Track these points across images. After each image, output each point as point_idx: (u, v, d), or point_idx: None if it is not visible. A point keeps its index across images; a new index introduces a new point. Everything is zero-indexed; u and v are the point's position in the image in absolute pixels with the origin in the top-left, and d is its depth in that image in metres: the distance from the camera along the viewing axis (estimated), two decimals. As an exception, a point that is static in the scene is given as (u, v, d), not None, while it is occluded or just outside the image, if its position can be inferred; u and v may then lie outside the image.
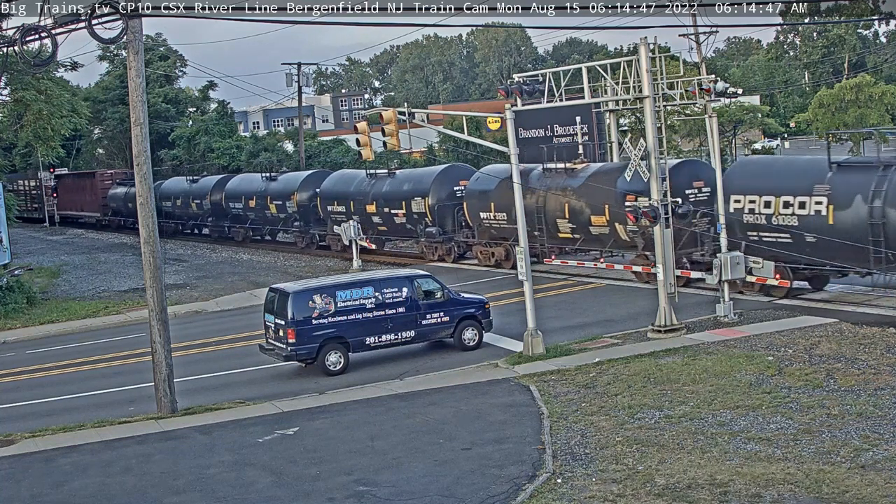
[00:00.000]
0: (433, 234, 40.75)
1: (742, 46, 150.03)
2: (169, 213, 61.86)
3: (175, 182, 64.34)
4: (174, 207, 62.53)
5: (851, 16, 51.71)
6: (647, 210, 24.15)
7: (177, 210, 62.30)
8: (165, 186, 63.53)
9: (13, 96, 39.30)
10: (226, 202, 56.33)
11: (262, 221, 53.46)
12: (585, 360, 22.29)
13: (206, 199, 58.31)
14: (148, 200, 20.93)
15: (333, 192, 46.39)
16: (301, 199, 48.73)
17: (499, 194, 35.32)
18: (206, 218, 59.12)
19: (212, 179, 59.49)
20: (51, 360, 28.71)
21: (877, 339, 21.78)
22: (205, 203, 58.50)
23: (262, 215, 52.77)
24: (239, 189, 55.33)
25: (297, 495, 15.22)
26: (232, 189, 56.04)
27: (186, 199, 60.71)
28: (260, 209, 52.62)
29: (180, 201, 61.73)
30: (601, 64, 27.03)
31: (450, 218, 40.21)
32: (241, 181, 56.44)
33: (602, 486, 14.37)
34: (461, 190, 39.71)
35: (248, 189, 54.26)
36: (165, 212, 60.43)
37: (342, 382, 22.82)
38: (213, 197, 57.64)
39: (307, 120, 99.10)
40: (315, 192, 47.51)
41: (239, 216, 55.56)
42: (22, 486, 16.77)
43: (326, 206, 46.57)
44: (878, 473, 14.03)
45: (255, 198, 52.88)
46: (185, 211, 61.15)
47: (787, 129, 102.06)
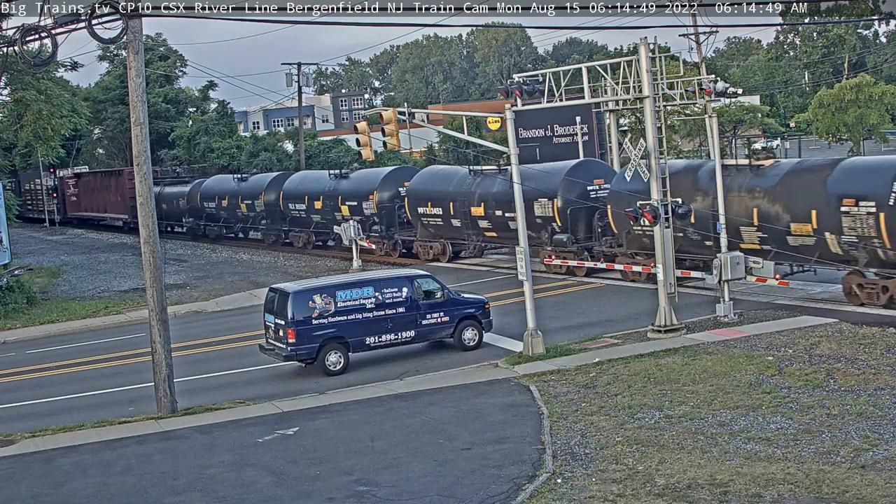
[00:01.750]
0: (563, 241, 34.36)
1: (742, 46, 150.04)
2: (212, 216, 58.57)
3: (219, 181, 59.71)
4: (219, 209, 57.78)
5: (851, 16, 51.74)
6: (647, 210, 24.16)
7: (222, 212, 57.41)
8: (208, 186, 59.42)
9: (13, 96, 39.29)
10: (284, 203, 50.65)
11: (331, 225, 46.41)
12: (585, 360, 22.29)
13: (258, 200, 52.88)
14: (148, 200, 20.96)
15: (425, 192, 40.74)
16: (382, 199, 43.13)
17: None
18: (258, 220, 53.86)
19: (265, 177, 54.39)
20: (51, 360, 28.70)
21: (877, 339, 21.78)
22: (257, 204, 53.17)
23: (330, 218, 46.49)
24: (301, 188, 49.58)
25: (297, 495, 15.22)
26: (292, 188, 50.27)
27: (234, 199, 55.63)
28: (328, 211, 46.76)
29: (226, 202, 56.54)
30: (601, 64, 27.04)
31: (583, 222, 33.98)
32: (302, 179, 50.86)
33: (602, 486, 14.37)
34: (597, 190, 34.17)
35: (312, 188, 48.51)
36: (208, 213, 58.61)
37: (342, 382, 22.82)
38: (267, 197, 52.17)
39: (307, 120, 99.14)
40: (398, 192, 42.35)
41: (299, 219, 49.85)
42: (22, 486, 16.77)
43: (417, 208, 40.93)
44: (878, 473, 14.03)
45: (321, 198, 47.07)
46: (233, 213, 55.97)
47: (787, 129, 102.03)
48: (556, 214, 34.34)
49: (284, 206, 50.49)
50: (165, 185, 64.27)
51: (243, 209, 54.85)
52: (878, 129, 69.98)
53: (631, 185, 28.80)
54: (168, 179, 65.82)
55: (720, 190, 26.74)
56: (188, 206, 60.37)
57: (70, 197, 77.71)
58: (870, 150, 70.32)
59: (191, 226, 60.84)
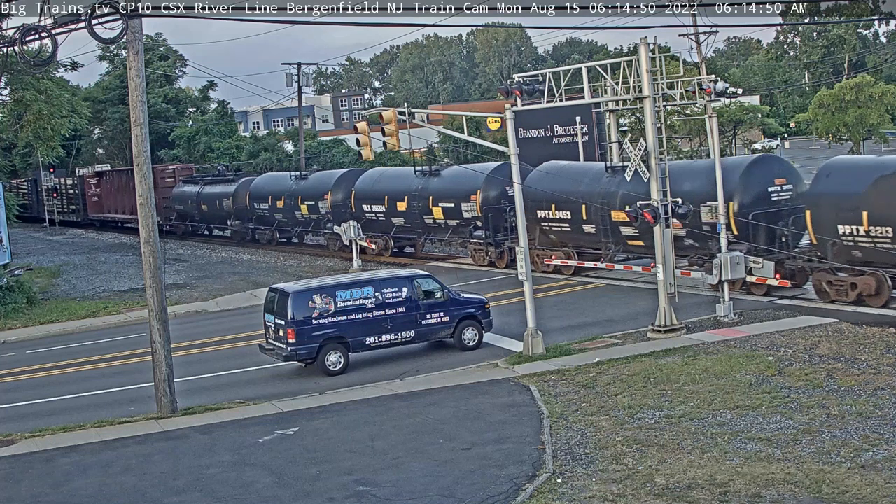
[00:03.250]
0: None
1: (742, 46, 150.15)
2: (264, 218, 52.89)
3: (272, 179, 54.22)
4: (272, 211, 51.80)
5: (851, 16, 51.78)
6: (647, 210, 24.17)
7: (277, 214, 51.46)
8: (258, 185, 53.69)
9: (13, 96, 39.29)
10: (356, 204, 45.04)
11: (418, 229, 42.29)
12: (585, 360, 22.29)
13: (322, 201, 47.24)
14: (148, 200, 20.95)
15: (548, 193, 33.70)
16: (487, 198, 37.98)
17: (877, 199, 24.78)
18: (323, 224, 47.61)
19: (330, 175, 49.07)
20: (51, 360, 28.70)
21: (877, 339, 21.79)
22: (321, 205, 47.39)
23: (417, 221, 41.87)
24: (377, 187, 44.31)
25: (297, 495, 15.22)
26: (366, 188, 45.00)
27: (292, 199, 49.73)
28: (415, 214, 41.69)
29: (283, 202, 50.53)
30: (601, 64, 27.03)
31: (764, 230, 28.25)
32: (379, 177, 45.30)
33: (602, 486, 14.37)
34: (779, 191, 29.12)
35: (392, 187, 43.24)
36: (259, 216, 53.18)
37: (342, 382, 22.82)
38: (335, 197, 46.64)
39: (307, 120, 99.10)
40: (504, 191, 36.91)
41: (376, 221, 44.09)
42: (22, 486, 16.77)
43: (536, 210, 34.49)
44: (878, 473, 14.03)
45: (406, 198, 42.02)
46: (290, 215, 50.00)
47: (787, 129, 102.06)
48: (731, 219, 28.26)
49: (357, 208, 44.92)
50: (205, 183, 59.10)
51: (304, 211, 48.83)
52: (878, 129, 69.99)
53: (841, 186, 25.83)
54: (208, 178, 60.22)
55: (720, 190, 26.71)
56: (234, 208, 54.66)
57: (91, 197, 72.94)
58: (870, 150, 70.34)
59: (237, 229, 55.23)
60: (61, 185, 79.41)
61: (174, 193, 61.88)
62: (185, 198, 60.67)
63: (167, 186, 62.04)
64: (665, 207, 24.47)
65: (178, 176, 62.99)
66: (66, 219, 77.53)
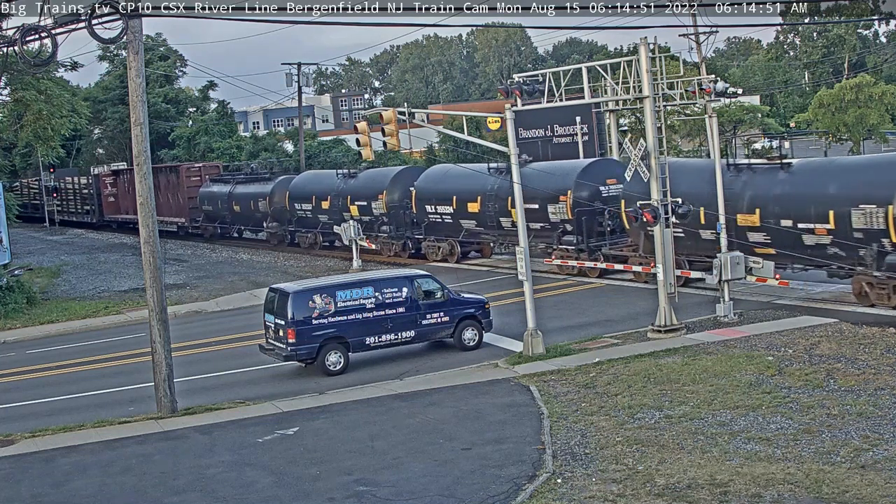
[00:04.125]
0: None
1: (742, 46, 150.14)
2: (306, 220, 48.45)
3: (314, 178, 49.67)
4: (317, 212, 47.18)
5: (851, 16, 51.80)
6: (647, 210, 24.17)
7: (322, 216, 46.79)
8: (299, 184, 49.15)
9: (13, 96, 39.30)
10: (418, 205, 40.94)
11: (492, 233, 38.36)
12: (585, 360, 22.29)
13: (376, 201, 42.97)
14: (148, 200, 20.95)
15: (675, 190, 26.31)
16: (580, 198, 33.60)
17: None
18: (377, 227, 43.49)
19: (385, 173, 44.29)
20: (51, 360, 28.70)
21: (877, 339, 21.79)
22: (375, 206, 43.22)
23: (493, 224, 37.76)
24: (443, 187, 39.75)
25: (297, 495, 15.22)
26: (428, 186, 40.65)
27: (339, 200, 45.29)
28: (490, 214, 37.58)
29: (329, 203, 45.97)
30: (601, 64, 27.04)
31: None
32: (444, 175, 40.50)
33: (602, 486, 14.37)
34: None
35: (463, 187, 38.41)
36: (300, 218, 48.84)
37: (342, 382, 22.82)
38: (390, 197, 42.45)
39: (307, 120, 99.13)
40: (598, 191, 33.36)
41: (441, 224, 40.17)
42: (22, 486, 16.77)
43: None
44: (878, 473, 14.03)
45: (479, 199, 37.85)
46: (338, 217, 44.73)
47: (787, 129, 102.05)
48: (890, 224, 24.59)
49: (419, 209, 40.86)
50: (237, 182, 55.01)
51: (354, 212, 44.04)
52: (878, 129, 70.00)
53: None
54: (240, 177, 55.87)
55: (720, 190, 26.72)
56: (271, 209, 50.76)
57: (107, 197, 69.38)
58: (870, 150, 70.31)
59: (274, 231, 51.48)
60: (74, 184, 75.55)
61: (201, 193, 57.75)
62: (214, 198, 56.50)
63: (193, 186, 58.43)
64: (665, 207, 24.47)
65: (204, 174, 59.13)
66: (80, 220, 73.87)
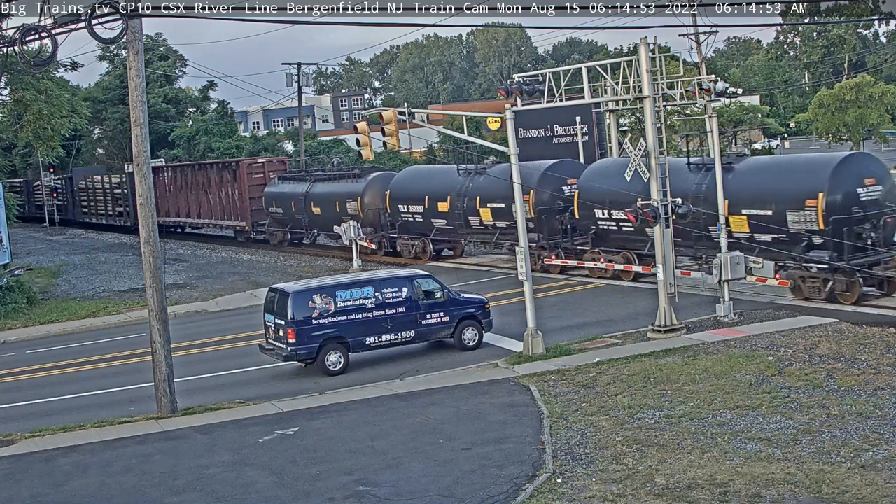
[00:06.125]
0: None
1: (742, 46, 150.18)
2: (412, 225, 40.94)
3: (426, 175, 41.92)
4: (430, 215, 39.64)
5: (851, 16, 51.78)
6: (647, 210, 24.16)
7: (437, 220, 39.37)
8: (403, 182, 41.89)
9: (13, 96, 39.31)
10: (581, 207, 32.79)
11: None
12: (585, 360, 22.29)
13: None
14: (148, 200, 20.94)
15: None
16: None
17: None
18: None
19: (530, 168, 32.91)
20: (51, 360, 28.70)
21: (877, 339, 21.78)
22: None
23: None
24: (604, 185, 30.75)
25: (297, 495, 15.22)
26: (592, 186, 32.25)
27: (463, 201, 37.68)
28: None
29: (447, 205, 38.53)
30: (601, 64, 27.05)
31: None
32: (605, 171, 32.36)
33: (602, 486, 14.37)
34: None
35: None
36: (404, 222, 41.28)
37: (342, 382, 22.82)
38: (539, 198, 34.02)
39: (307, 120, 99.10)
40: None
41: (608, 231, 32.30)
42: (22, 486, 16.77)
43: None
44: (878, 473, 14.03)
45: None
46: (460, 222, 38.12)
47: (787, 129, 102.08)
48: None
49: (583, 214, 32.70)
50: (316, 180, 46.80)
51: (485, 216, 36.42)
52: (878, 129, 70.06)
53: None
54: (319, 174, 47.84)
55: (720, 190, 26.70)
56: (364, 212, 42.89)
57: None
58: (870, 150, 70.34)
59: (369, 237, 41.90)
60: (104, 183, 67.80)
61: (267, 193, 49.73)
62: (284, 198, 48.19)
63: (256, 184, 50.66)
64: (665, 207, 24.47)
65: (268, 171, 51.32)
66: (111, 223, 66.60)
